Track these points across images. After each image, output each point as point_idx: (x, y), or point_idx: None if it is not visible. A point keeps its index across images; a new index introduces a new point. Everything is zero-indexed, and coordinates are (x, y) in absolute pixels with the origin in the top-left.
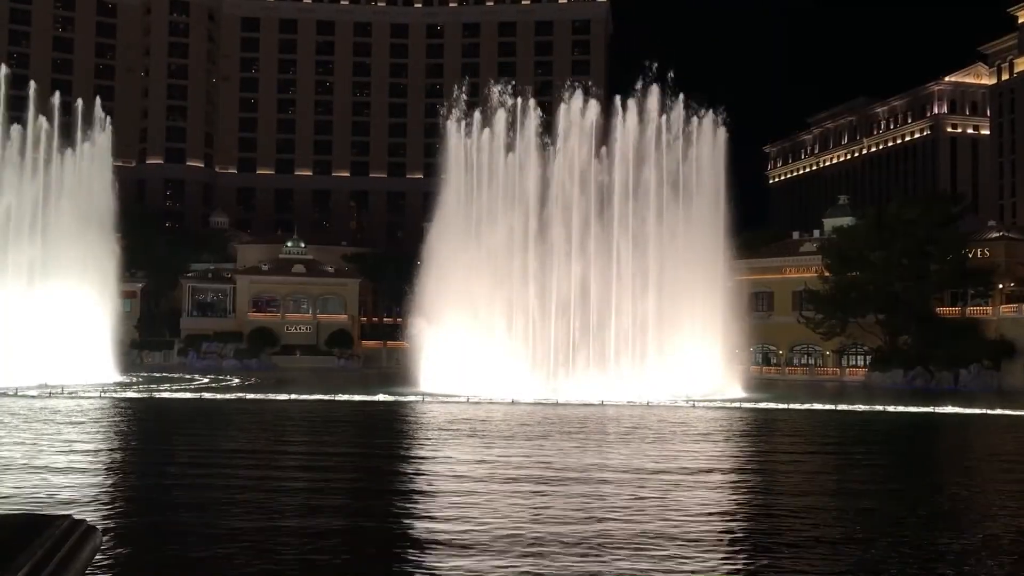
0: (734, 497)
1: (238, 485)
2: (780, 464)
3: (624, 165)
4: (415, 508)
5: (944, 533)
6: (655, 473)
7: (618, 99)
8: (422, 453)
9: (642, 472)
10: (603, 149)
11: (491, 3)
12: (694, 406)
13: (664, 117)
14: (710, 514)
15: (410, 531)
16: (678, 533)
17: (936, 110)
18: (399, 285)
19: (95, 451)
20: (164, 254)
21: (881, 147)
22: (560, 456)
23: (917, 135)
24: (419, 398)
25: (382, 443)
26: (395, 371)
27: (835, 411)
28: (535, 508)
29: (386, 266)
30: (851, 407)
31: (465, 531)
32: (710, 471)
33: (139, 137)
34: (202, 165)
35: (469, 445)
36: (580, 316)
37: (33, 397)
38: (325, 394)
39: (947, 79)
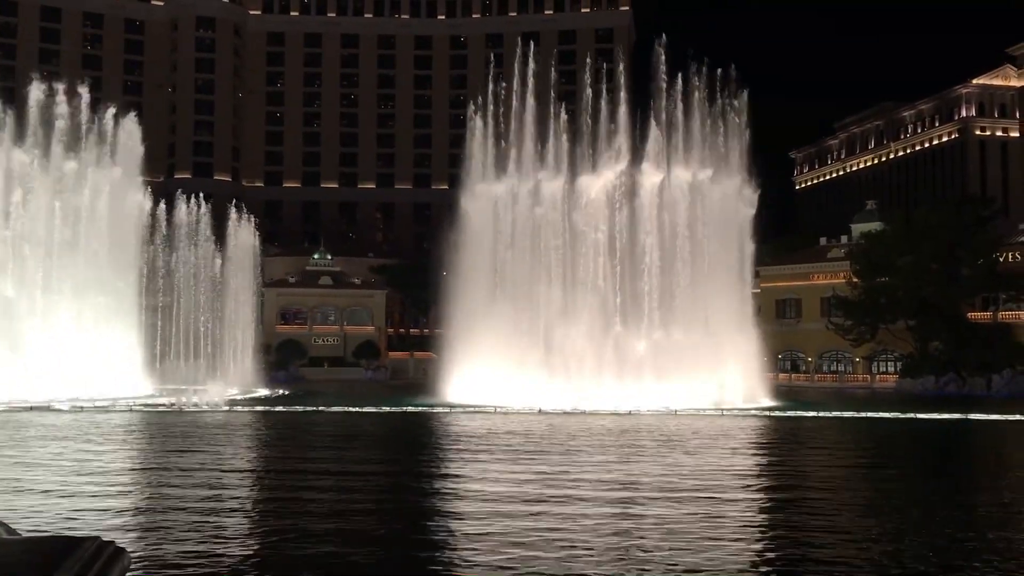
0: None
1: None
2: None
3: (651, 177)
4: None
5: None
6: (741, 488)
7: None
8: (515, 468)
9: (728, 488)
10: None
11: (514, 13)
12: (722, 414)
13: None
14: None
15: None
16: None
17: (964, 113)
18: (425, 296)
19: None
20: None
21: (909, 151)
22: (641, 472)
23: (945, 138)
24: (447, 409)
25: (443, 459)
26: (422, 382)
27: (866, 419)
28: (660, 523)
29: (412, 277)
30: (883, 415)
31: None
32: (780, 487)
33: (167, 152)
34: (229, 179)
35: (546, 461)
36: (605, 323)
37: (80, 411)
38: (360, 406)
39: (975, 81)
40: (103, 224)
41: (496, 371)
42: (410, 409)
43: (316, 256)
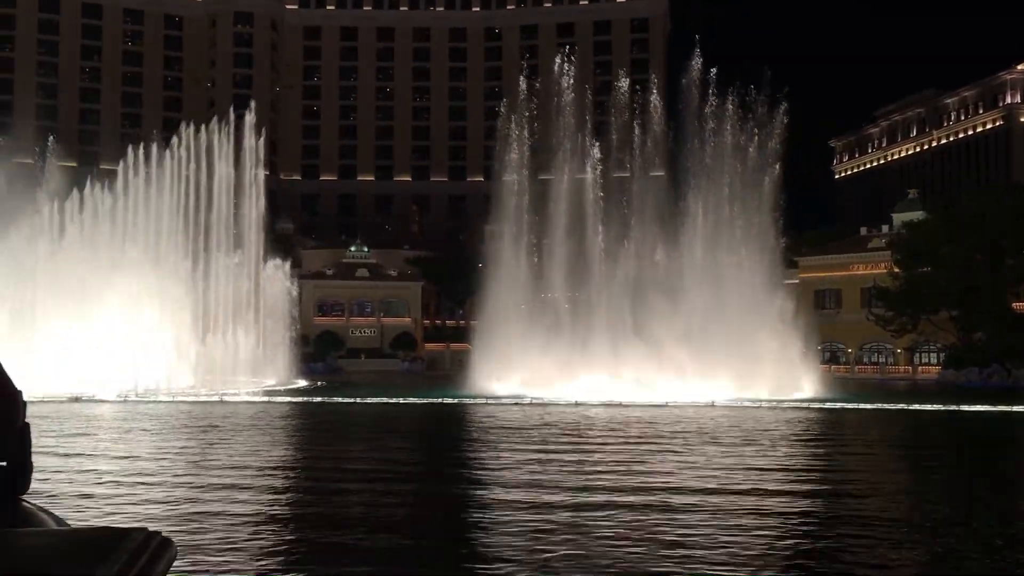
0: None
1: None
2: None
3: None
4: None
5: None
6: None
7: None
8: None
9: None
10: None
11: (549, 4)
12: (760, 406)
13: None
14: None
15: None
16: None
17: (1009, 99)
18: (461, 287)
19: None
20: None
21: (951, 139)
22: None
23: (989, 126)
24: (483, 400)
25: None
26: (458, 373)
27: (908, 411)
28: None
29: (448, 269)
30: (926, 407)
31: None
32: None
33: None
34: (267, 172)
35: (665, 452)
36: (640, 315)
37: (124, 401)
38: (401, 397)
39: (1020, 67)
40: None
41: (529, 362)
42: (448, 400)
43: (353, 249)
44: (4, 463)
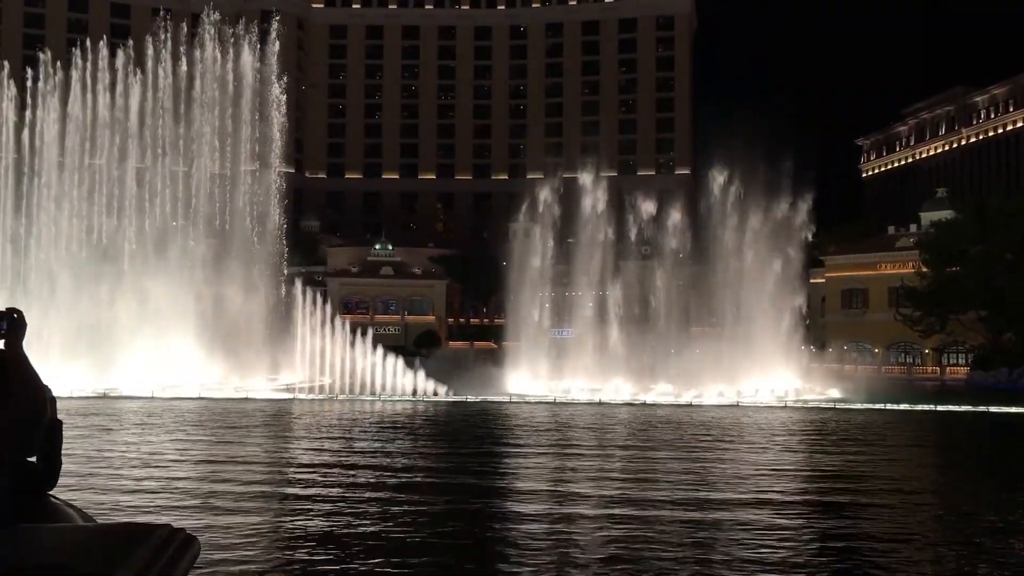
0: None
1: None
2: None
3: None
4: None
5: None
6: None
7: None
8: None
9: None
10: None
11: (574, 2)
12: (785, 406)
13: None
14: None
15: None
16: None
17: None
18: (485, 286)
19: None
20: None
21: (981, 137)
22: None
23: (1020, 124)
24: (507, 399)
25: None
26: (482, 372)
27: (936, 412)
28: None
29: (472, 267)
30: (952, 407)
31: None
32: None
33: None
34: (292, 171)
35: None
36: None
37: (151, 399)
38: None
39: None
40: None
41: (550, 363)
42: (486, 399)
43: (378, 246)
44: (32, 459)
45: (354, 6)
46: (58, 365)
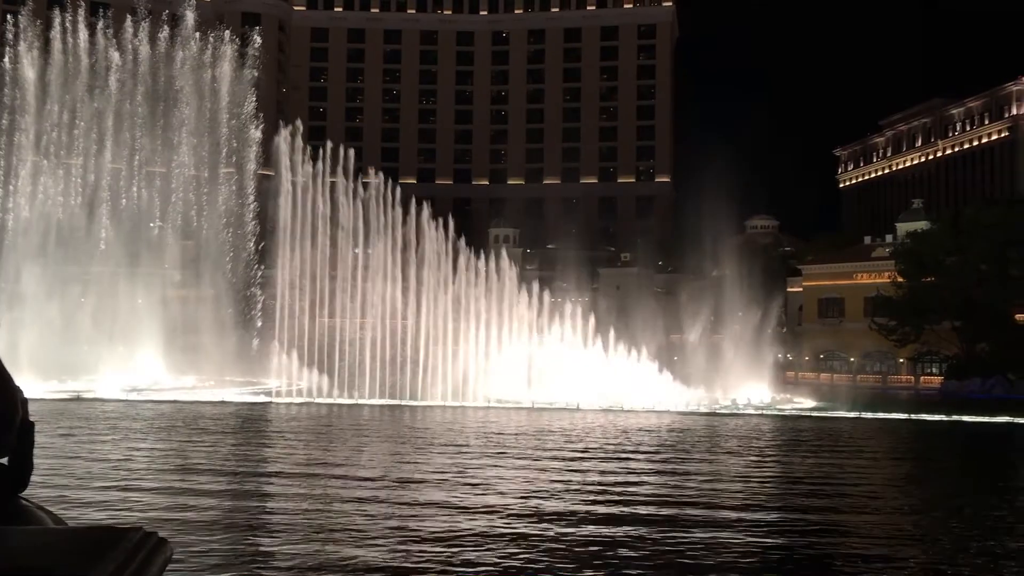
0: None
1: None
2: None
3: None
4: None
5: None
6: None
7: None
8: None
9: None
10: None
11: (556, 9)
12: (762, 414)
13: None
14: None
15: None
16: None
17: (1015, 110)
18: None
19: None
20: None
21: (957, 149)
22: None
23: (995, 136)
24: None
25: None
26: None
27: (909, 421)
28: None
29: None
30: (925, 416)
31: None
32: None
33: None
34: (272, 174)
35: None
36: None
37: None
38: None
39: None
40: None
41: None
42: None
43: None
44: (3, 460)
45: (336, 9)
46: (27, 370)
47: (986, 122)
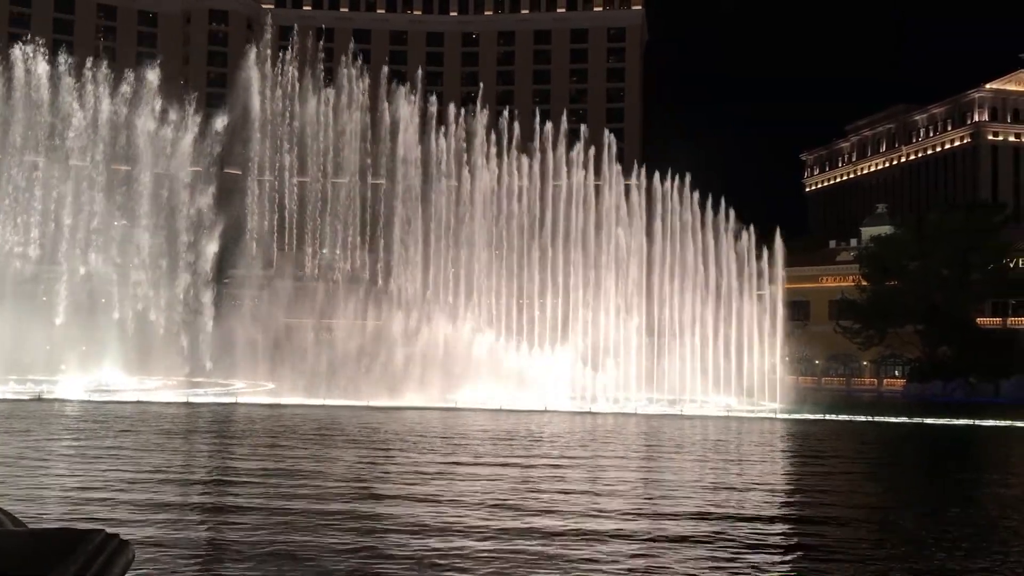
0: None
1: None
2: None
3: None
4: None
5: None
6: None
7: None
8: None
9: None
10: None
11: (526, 11)
12: (729, 416)
13: None
14: None
15: None
16: None
17: (977, 117)
18: None
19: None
20: None
21: (920, 155)
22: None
23: (957, 143)
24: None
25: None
26: None
27: (873, 423)
28: None
29: None
30: (891, 419)
31: None
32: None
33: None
34: (240, 173)
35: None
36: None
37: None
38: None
39: (988, 86)
40: None
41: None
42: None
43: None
44: None
45: (305, 8)
46: None
47: (949, 128)
